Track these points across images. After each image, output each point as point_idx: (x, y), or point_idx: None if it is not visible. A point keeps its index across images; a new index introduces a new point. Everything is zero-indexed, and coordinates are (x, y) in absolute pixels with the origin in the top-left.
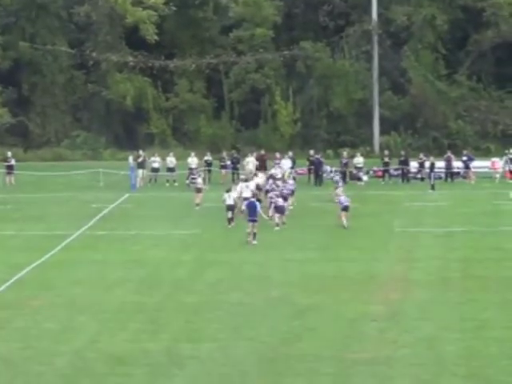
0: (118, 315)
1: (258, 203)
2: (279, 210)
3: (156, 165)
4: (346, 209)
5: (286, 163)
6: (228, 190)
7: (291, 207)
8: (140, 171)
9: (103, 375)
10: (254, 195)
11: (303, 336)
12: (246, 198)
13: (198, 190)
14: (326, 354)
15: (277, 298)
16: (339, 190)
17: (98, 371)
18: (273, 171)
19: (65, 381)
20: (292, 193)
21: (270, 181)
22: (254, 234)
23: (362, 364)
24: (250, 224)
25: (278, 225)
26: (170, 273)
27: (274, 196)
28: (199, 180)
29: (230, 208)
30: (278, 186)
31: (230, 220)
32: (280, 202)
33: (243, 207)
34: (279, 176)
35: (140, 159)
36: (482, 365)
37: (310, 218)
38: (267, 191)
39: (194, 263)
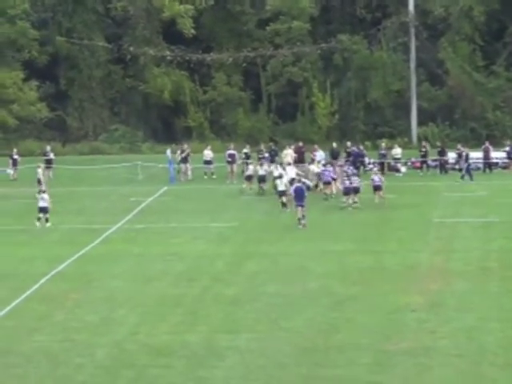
0: (158, 308)
1: (305, 188)
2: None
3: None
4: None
5: (319, 155)
6: (279, 177)
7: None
8: (184, 165)
9: (143, 367)
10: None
11: (341, 327)
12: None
13: (249, 178)
14: (364, 345)
15: (315, 289)
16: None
17: (137, 363)
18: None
19: (105, 372)
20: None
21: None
22: (304, 217)
23: (400, 354)
24: (299, 209)
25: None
26: (209, 265)
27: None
28: (250, 167)
29: (283, 193)
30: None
31: (284, 204)
32: (347, 183)
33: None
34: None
35: (184, 153)
36: None
37: (347, 209)
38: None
39: (232, 255)
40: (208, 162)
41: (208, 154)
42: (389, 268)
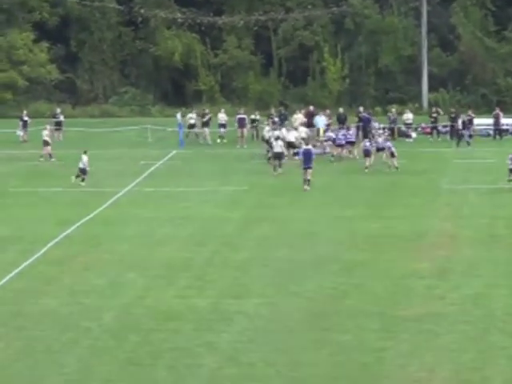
0: (166, 271)
1: (313, 150)
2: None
3: (192, 121)
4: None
5: (321, 120)
6: (277, 138)
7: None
8: (206, 129)
9: (150, 331)
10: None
11: (350, 292)
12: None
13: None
14: (373, 311)
15: (324, 255)
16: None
17: (145, 327)
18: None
19: (112, 335)
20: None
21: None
22: (308, 181)
23: (409, 320)
24: (307, 171)
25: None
26: (218, 229)
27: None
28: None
29: (277, 156)
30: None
31: (275, 168)
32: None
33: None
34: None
35: (206, 118)
36: None
37: (358, 175)
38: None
39: (241, 220)
40: (222, 126)
41: (222, 117)
42: (398, 234)
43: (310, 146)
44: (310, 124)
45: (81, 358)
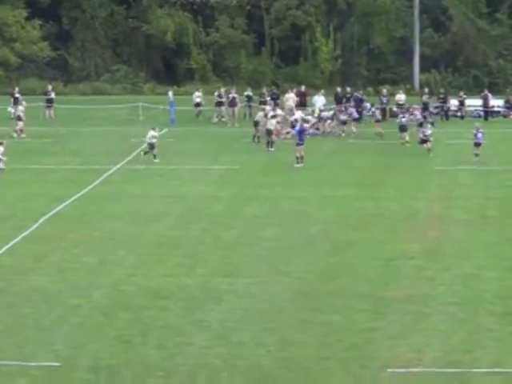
0: (156, 249)
1: (306, 127)
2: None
3: (198, 100)
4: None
5: (320, 100)
6: (273, 117)
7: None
8: (231, 109)
9: (140, 308)
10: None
11: (340, 272)
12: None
13: (256, 124)
14: (362, 291)
15: (314, 234)
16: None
17: (134, 304)
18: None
19: (102, 313)
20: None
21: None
22: (302, 157)
23: (398, 301)
24: (298, 148)
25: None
26: (208, 208)
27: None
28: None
29: (270, 132)
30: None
31: (270, 144)
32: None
33: (293, 132)
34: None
35: (223, 97)
36: None
37: (348, 155)
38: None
39: (232, 198)
40: (219, 104)
41: (219, 95)
42: (388, 215)
43: (305, 125)
44: (301, 103)
45: (70, 335)
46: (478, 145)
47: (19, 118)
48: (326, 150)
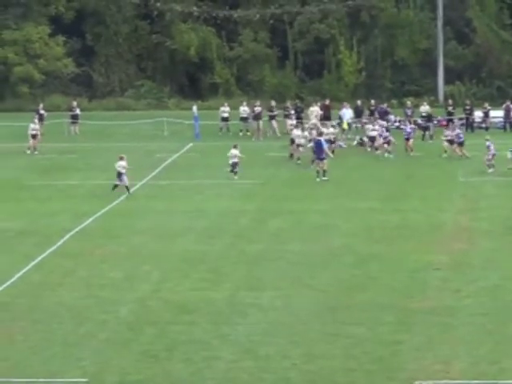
0: (181, 264)
1: (323, 141)
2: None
3: (225, 114)
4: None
5: (348, 113)
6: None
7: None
8: (255, 123)
9: (166, 323)
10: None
11: (365, 285)
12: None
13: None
14: (387, 303)
15: (339, 247)
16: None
17: (161, 319)
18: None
19: (128, 328)
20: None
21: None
22: (324, 172)
23: (424, 313)
24: (319, 162)
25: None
26: (233, 222)
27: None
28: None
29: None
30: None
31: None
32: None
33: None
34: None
35: (257, 111)
36: None
37: (373, 167)
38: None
39: (256, 213)
40: (244, 119)
41: (245, 110)
42: (413, 226)
43: (320, 138)
44: (325, 117)
45: (97, 350)
46: (494, 155)
47: (33, 136)
48: (349, 162)
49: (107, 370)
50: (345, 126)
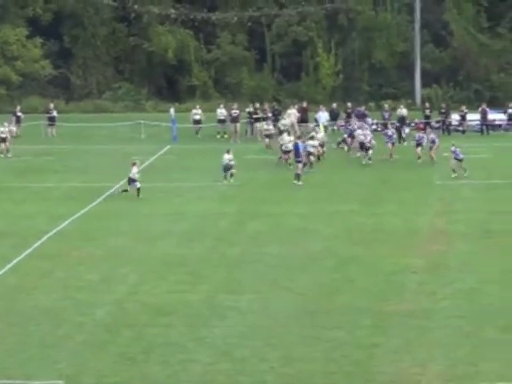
0: (159, 267)
1: (300, 144)
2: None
3: (197, 117)
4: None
5: (323, 116)
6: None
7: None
8: (233, 125)
9: (143, 326)
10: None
11: (343, 288)
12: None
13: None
14: (365, 307)
15: (317, 251)
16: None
17: (138, 322)
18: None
19: (105, 331)
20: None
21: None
22: (298, 176)
23: (401, 316)
24: (297, 165)
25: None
26: (212, 225)
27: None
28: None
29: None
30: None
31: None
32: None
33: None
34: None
35: (234, 114)
36: None
37: (351, 170)
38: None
39: (235, 215)
40: (221, 121)
41: (221, 112)
42: (390, 230)
43: (298, 141)
44: (303, 119)
45: (74, 352)
46: (460, 160)
47: (3, 140)
48: (328, 165)
49: (84, 372)
50: (321, 128)
